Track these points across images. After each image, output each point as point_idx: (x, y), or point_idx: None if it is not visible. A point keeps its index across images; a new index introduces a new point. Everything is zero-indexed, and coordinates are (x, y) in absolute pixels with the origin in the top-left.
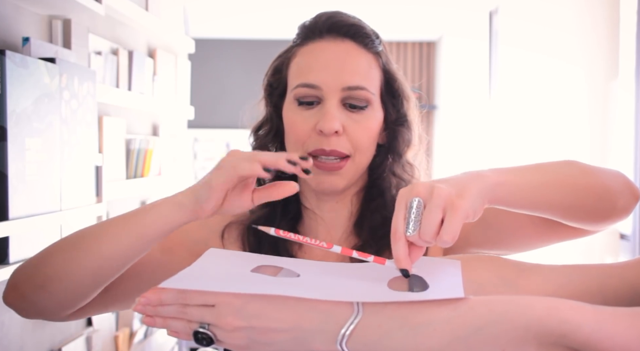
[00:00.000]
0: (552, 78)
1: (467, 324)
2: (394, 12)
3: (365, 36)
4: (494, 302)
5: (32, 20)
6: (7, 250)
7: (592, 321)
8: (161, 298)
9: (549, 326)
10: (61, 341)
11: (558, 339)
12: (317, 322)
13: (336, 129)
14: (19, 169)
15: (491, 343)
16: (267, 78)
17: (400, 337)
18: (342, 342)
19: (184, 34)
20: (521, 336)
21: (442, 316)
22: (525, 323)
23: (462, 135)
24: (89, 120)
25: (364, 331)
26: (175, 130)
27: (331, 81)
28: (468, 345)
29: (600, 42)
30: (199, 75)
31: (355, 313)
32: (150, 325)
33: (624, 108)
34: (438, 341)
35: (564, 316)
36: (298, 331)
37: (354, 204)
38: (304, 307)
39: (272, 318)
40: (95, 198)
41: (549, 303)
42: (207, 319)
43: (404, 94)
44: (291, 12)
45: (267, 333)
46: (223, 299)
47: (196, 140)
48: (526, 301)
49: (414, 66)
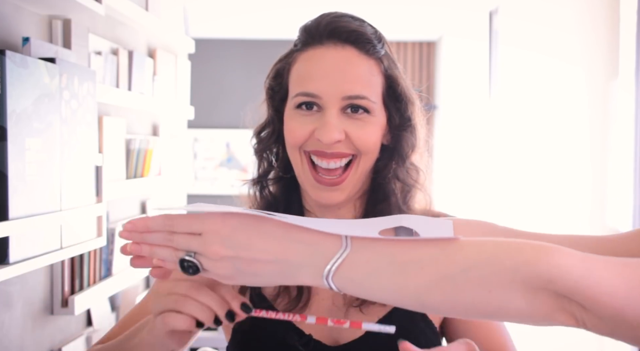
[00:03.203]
0: (552, 78)
1: (456, 263)
2: (394, 12)
3: (366, 42)
4: (483, 243)
5: (32, 20)
6: (7, 250)
7: (581, 267)
8: (148, 225)
9: (537, 270)
10: (61, 341)
11: (546, 283)
12: (304, 255)
13: (337, 139)
14: (19, 169)
15: (478, 284)
16: (269, 81)
17: (388, 274)
18: (328, 277)
19: (184, 34)
20: (509, 278)
21: (431, 255)
22: (513, 265)
23: (462, 135)
24: (89, 120)
25: (351, 266)
26: (175, 130)
27: (331, 90)
28: (455, 284)
29: (600, 42)
30: (199, 75)
31: (343, 247)
32: (136, 253)
33: (624, 108)
34: (426, 279)
35: (553, 260)
36: (284, 263)
37: (357, 208)
38: (291, 239)
39: (259, 248)
40: (95, 198)
41: (539, 247)
42: (194, 247)
43: (407, 98)
44: (291, 12)
45: (253, 264)
46: (210, 227)
47: (196, 140)
48: (516, 244)
49: (414, 66)
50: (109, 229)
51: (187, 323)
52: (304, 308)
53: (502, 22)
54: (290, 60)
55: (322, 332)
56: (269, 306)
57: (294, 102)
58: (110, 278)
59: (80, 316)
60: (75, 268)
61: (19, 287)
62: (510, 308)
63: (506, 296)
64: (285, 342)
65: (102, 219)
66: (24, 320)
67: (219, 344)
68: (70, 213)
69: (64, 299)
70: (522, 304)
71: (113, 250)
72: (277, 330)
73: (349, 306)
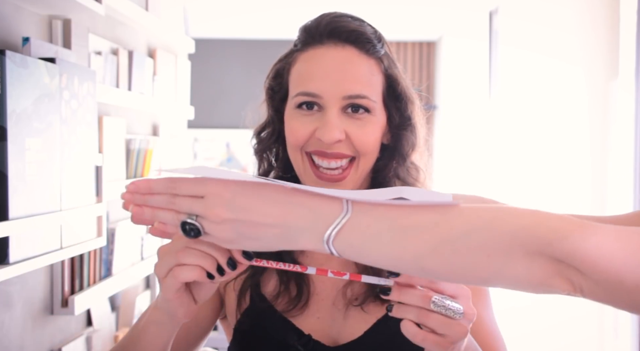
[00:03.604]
0: (552, 78)
1: (455, 228)
2: (394, 12)
3: (366, 41)
4: (483, 209)
5: (32, 20)
6: (7, 250)
7: (579, 232)
8: (150, 186)
9: (536, 234)
10: (61, 341)
11: (544, 248)
12: (305, 219)
13: (337, 139)
14: (19, 169)
15: (478, 249)
16: (269, 81)
17: (388, 239)
18: (328, 241)
19: (184, 34)
20: (507, 243)
21: (431, 219)
22: (512, 230)
23: (462, 135)
24: (89, 120)
25: (352, 231)
26: (175, 130)
27: (331, 90)
28: (455, 249)
29: (600, 42)
30: (199, 75)
31: (344, 212)
32: (138, 215)
33: (624, 108)
34: (425, 244)
35: (552, 224)
36: (285, 227)
37: None
38: (293, 203)
39: (260, 212)
40: (95, 198)
41: (538, 213)
42: (196, 210)
43: (407, 97)
44: (291, 12)
45: (254, 227)
46: (212, 190)
47: (196, 140)
48: (515, 209)
49: (414, 66)
50: (109, 229)
51: (197, 272)
52: (304, 307)
53: (502, 22)
54: (291, 60)
55: (321, 332)
56: (268, 306)
57: (294, 102)
58: (110, 278)
59: (80, 316)
60: (75, 268)
61: (19, 287)
62: (508, 273)
63: (505, 261)
64: (285, 342)
65: (102, 219)
66: (24, 320)
67: (219, 344)
68: (70, 213)
69: (64, 299)
70: (520, 269)
71: (113, 250)
72: (277, 330)
73: (349, 306)
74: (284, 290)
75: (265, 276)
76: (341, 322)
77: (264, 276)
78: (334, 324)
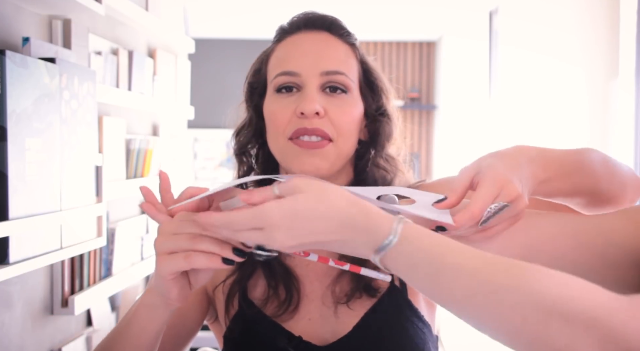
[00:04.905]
0: (552, 78)
1: (492, 282)
2: (394, 12)
3: (340, 28)
4: (525, 266)
5: (32, 20)
6: (7, 250)
7: (625, 309)
8: (212, 223)
9: (580, 307)
10: (61, 341)
11: (589, 322)
12: (360, 236)
13: (317, 110)
14: (19, 169)
15: (511, 309)
16: (248, 80)
17: (424, 274)
18: (377, 262)
19: (184, 34)
20: (547, 310)
21: (471, 265)
22: (553, 297)
23: (462, 135)
24: (89, 120)
25: (395, 258)
26: (175, 130)
27: (310, 67)
28: (487, 302)
29: (600, 42)
30: (199, 75)
31: (391, 236)
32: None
33: (624, 108)
34: (459, 290)
35: (598, 298)
36: (343, 242)
37: None
38: (349, 218)
39: (320, 232)
40: (95, 198)
41: (587, 285)
42: (261, 242)
43: (382, 88)
44: (291, 12)
45: (317, 244)
46: (269, 221)
47: (196, 140)
48: (560, 276)
49: (414, 66)
50: (109, 229)
51: (213, 259)
52: (295, 311)
53: (502, 22)
54: (269, 52)
55: (313, 333)
56: (257, 311)
57: (274, 85)
58: (110, 278)
59: (80, 316)
60: (75, 268)
61: (19, 287)
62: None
63: (541, 329)
64: (275, 345)
65: (102, 219)
66: (24, 320)
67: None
68: (70, 213)
69: (64, 299)
70: (560, 339)
71: (113, 250)
72: (267, 333)
73: (337, 303)
74: (273, 294)
75: (252, 281)
76: (332, 321)
77: (251, 281)
78: (325, 324)
